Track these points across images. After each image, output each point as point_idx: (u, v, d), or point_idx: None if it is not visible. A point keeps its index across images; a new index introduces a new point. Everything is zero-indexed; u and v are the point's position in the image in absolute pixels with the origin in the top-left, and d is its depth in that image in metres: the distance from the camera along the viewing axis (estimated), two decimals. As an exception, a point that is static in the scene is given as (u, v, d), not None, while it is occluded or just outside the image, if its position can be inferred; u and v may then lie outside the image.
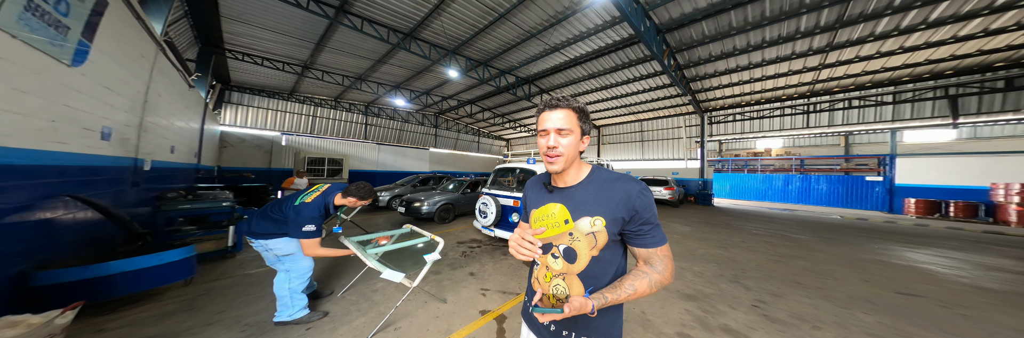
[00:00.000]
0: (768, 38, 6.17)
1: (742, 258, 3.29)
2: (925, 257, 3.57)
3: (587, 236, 0.58)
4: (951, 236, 5.14)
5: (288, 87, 10.65)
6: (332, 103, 12.40)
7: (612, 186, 0.58)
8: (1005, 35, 5.40)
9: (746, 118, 10.83)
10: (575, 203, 0.60)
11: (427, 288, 2.25)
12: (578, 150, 0.60)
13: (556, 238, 0.61)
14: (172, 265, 1.86)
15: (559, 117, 0.57)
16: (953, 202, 7.87)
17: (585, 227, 0.58)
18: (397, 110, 14.50)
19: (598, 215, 0.57)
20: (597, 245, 0.57)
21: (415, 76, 9.80)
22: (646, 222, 0.56)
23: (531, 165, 3.76)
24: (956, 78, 7.17)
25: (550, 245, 0.62)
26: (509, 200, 3.59)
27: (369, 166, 11.91)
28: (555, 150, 0.58)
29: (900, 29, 5.46)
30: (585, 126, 0.60)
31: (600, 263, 0.58)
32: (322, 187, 1.71)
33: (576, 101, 0.60)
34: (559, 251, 0.61)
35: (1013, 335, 1.69)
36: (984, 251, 3.97)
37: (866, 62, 6.87)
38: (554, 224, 0.62)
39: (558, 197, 0.63)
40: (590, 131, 0.63)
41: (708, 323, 1.72)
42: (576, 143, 0.59)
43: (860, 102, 8.71)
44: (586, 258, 0.58)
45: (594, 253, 0.58)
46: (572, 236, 0.59)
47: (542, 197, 0.67)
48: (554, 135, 0.58)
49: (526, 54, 7.86)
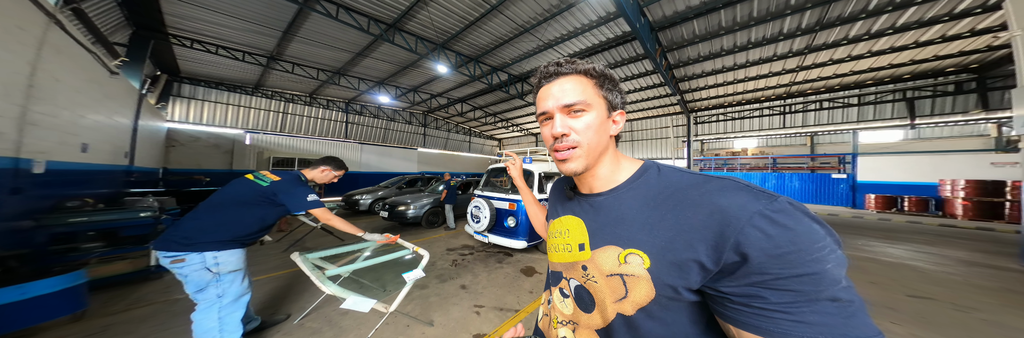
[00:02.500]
0: (753, 39, 6.35)
1: None
2: (907, 253, 3.70)
3: (610, 279, 0.33)
4: (915, 230, 5.46)
5: (252, 80, 9.61)
6: (306, 99, 11.41)
7: (684, 197, 0.31)
8: (958, 41, 5.91)
9: (728, 118, 11.31)
10: (601, 222, 0.37)
11: (409, 308, 1.93)
12: (607, 135, 0.38)
13: (568, 268, 0.40)
14: (45, 299, 1.35)
15: (567, 88, 0.36)
16: (907, 197, 8.59)
17: (608, 263, 0.34)
18: (381, 108, 13.68)
19: (636, 248, 0.32)
20: (628, 298, 0.32)
21: (401, 72, 9.20)
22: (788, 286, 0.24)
23: (528, 165, 3.48)
24: (913, 82, 7.85)
25: (559, 275, 0.41)
26: (504, 203, 3.29)
27: (351, 167, 11.00)
28: (566, 140, 0.36)
29: (870, 33, 5.81)
30: (612, 96, 0.38)
31: (639, 334, 0.32)
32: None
33: (588, 62, 0.38)
34: (569, 288, 0.39)
35: None
36: (952, 245, 4.24)
37: (837, 65, 7.31)
38: (565, 247, 0.40)
39: (578, 208, 0.41)
40: (622, 104, 0.39)
41: None
42: (601, 124, 0.36)
43: (829, 104, 9.32)
44: (609, 312, 0.34)
45: (624, 309, 0.32)
46: (586, 271, 0.36)
47: (561, 205, 0.46)
48: (561, 117, 0.36)
49: (519, 50, 7.58)
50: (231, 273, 1.22)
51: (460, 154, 16.72)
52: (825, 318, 0.23)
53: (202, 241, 1.15)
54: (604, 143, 0.37)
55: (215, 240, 1.17)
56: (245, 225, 1.24)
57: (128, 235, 2.31)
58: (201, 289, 1.18)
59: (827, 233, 0.25)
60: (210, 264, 1.16)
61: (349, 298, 1.17)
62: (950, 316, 1.95)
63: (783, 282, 0.24)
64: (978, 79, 7.20)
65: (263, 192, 1.28)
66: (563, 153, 0.36)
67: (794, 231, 0.25)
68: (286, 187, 1.31)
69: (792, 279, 0.23)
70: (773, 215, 0.25)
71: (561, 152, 0.36)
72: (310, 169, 1.50)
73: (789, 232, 0.25)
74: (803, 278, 0.23)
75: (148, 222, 2.36)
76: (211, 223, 1.19)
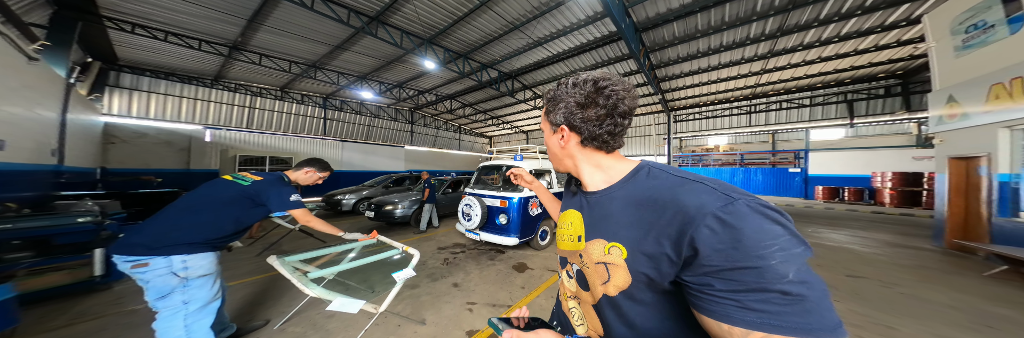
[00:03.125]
0: (725, 42, 6.87)
1: None
2: (845, 238, 4.24)
3: (597, 266, 0.39)
4: (853, 217, 6.35)
5: (211, 71, 8.68)
6: (277, 93, 10.53)
7: (658, 196, 0.35)
8: (888, 50, 6.85)
9: (703, 117, 12.19)
10: (594, 217, 0.43)
11: (400, 308, 1.91)
12: (560, 149, 0.46)
13: (570, 254, 0.47)
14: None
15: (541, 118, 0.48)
16: (847, 188, 9.82)
17: (596, 253, 0.40)
18: (364, 104, 12.98)
19: (618, 242, 0.37)
20: (611, 282, 0.38)
21: (385, 66, 8.77)
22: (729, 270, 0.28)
23: (518, 162, 3.52)
24: (852, 85, 8.98)
25: (565, 260, 0.49)
26: (496, 200, 3.29)
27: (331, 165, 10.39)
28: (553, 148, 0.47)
29: (820, 40, 6.55)
30: (550, 117, 0.45)
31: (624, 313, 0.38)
32: None
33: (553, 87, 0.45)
34: (572, 270, 0.47)
35: (944, 310, 1.98)
36: (880, 229, 4.92)
37: (794, 69, 8.17)
38: (569, 237, 0.47)
39: (580, 203, 0.47)
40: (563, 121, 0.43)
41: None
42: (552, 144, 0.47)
43: (787, 104, 10.40)
44: (598, 292, 0.40)
45: (608, 291, 0.38)
46: (582, 259, 0.43)
47: (569, 199, 0.53)
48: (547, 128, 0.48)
49: (509, 47, 7.54)
50: (201, 278, 1.14)
51: (450, 152, 16.34)
52: (771, 307, 0.25)
53: (169, 244, 1.08)
54: (560, 156, 0.46)
55: (186, 243, 1.10)
56: (219, 227, 1.17)
57: (65, 243, 2.02)
58: (163, 296, 1.09)
59: (785, 233, 0.28)
60: (177, 269, 1.08)
61: (336, 300, 1.12)
62: (878, 292, 2.25)
63: (726, 273, 0.27)
64: (903, 84, 8.34)
65: (244, 192, 1.24)
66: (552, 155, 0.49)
67: (740, 230, 0.27)
68: (268, 187, 1.28)
69: (734, 271, 0.27)
70: (724, 216, 0.29)
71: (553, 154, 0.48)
72: (293, 170, 1.47)
73: (734, 231, 0.28)
74: (745, 271, 0.26)
75: (88, 228, 2.06)
76: (185, 225, 1.13)
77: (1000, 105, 3.09)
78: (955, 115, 3.66)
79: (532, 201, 3.29)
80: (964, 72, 3.59)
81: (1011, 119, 3.02)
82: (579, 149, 0.43)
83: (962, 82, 3.58)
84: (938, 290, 2.30)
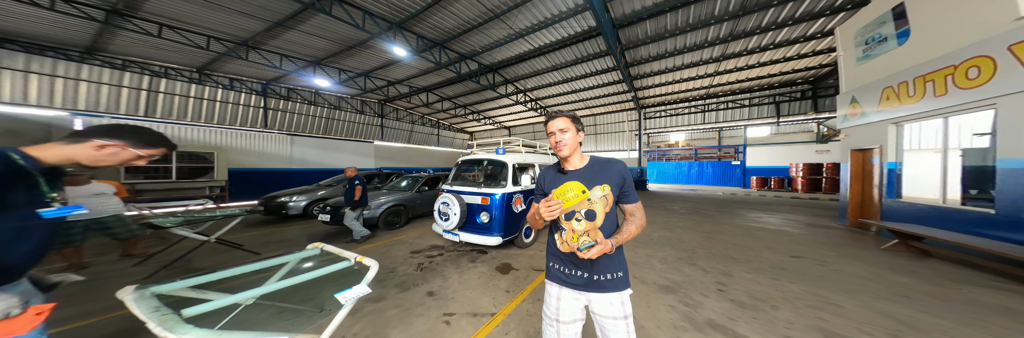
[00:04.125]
0: (689, 44, 7.50)
1: (685, 238, 3.76)
2: (779, 221, 4.89)
3: (601, 199, 0.89)
4: (780, 202, 7.61)
5: (81, 42, 6.55)
6: (193, 75, 8.36)
7: (607, 165, 0.94)
8: (806, 59, 8.24)
9: (668, 114, 13.34)
10: (587, 179, 0.92)
11: (357, 328, 1.62)
12: (577, 141, 0.92)
13: (577, 206, 0.90)
14: None
15: (560, 122, 0.91)
16: (772, 178, 11.73)
17: (598, 193, 0.90)
18: (321, 93, 11.20)
19: (605, 183, 0.90)
20: (608, 204, 0.90)
21: (346, 52, 7.57)
22: (629, 186, 0.92)
23: (500, 155, 3.29)
24: (779, 89, 10.65)
25: (572, 213, 0.90)
26: (476, 197, 3.02)
27: (276, 163, 8.50)
28: (561, 142, 0.90)
29: (760, 46, 7.53)
30: (577, 125, 0.93)
31: (609, 218, 0.90)
32: None
33: (569, 111, 0.94)
34: (581, 215, 0.90)
35: (866, 283, 2.26)
36: (799, 212, 5.89)
37: (738, 72, 9.33)
38: (574, 196, 0.90)
39: (573, 176, 0.94)
40: (582, 129, 0.96)
41: (695, 320, 1.74)
42: (574, 136, 0.91)
43: (731, 104, 11.90)
44: (602, 215, 0.89)
45: (607, 210, 0.89)
46: (591, 201, 0.89)
47: (557, 179, 0.97)
48: (559, 133, 0.91)
49: (489, 38, 7.10)
50: None
51: (428, 148, 15.15)
52: (634, 192, 0.95)
53: None
54: (576, 145, 0.92)
55: None
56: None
57: None
58: None
59: (630, 171, 0.96)
60: None
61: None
62: (817, 271, 2.48)
63: (630, 184, 0.94)
64: (813, 89, 10.06)
65: None
66: (560, 147, 0.91)
67: (628, 170, 0.95)
68: None
69: (631, 183, 0.94)
70: (624, 167, 0.95)
71: (559, 147, 0.91)
72: (66, 142, 0.73)
73: (628, 170, 0.95)
74: (631, 183, 0.94)
75: None
76: None
77: (889, 105, 3.76)
78: (856, 113, 4.40)
79: (516, 197, 3.07)
80: (864, 77, 4.29)
81: (896, 116, 3.69)
82: (578, 145, 0.94)
83: (862, 86, 4.28)
84: (855, 265, 2.64)
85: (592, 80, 10.09)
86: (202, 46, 6.53)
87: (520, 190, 3.20)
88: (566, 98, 12.18)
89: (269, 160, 8.43)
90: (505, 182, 3.12)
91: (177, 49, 6.95)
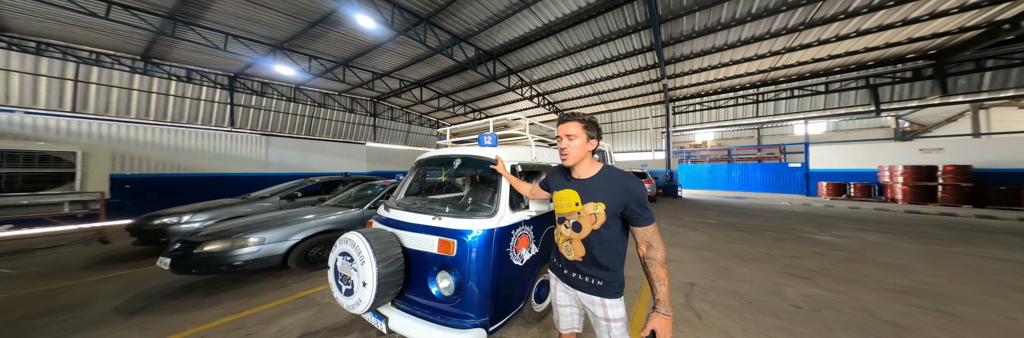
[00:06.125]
0: (755, 9, 5.52)
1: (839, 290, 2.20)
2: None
3: (590, 215, 0.88)
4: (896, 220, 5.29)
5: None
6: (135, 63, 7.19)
7: (616, 182, 0.88)
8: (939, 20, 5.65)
9: (704, 108, 10.92)
10: (586, 192, 0.90)
11: None
12: (586, 150, 0.91)
13: (569, 215, 0.93)
14: None
15: (569, 126, 0.90)
16: (852, 184, 9.11)
17: (589, 209, 0.88)
18: (302, 89, 10.51)
19: (600, 202, 0.86)
20: (597, 222, 0.87)
21: (309, 32, 6.53)
22: (637, 209, 0.84)
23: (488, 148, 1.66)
24: (874, 68, 7.83)
25: (564, 218, 0.95)
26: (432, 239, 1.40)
27: (246, 167, 7.71)
28: (566, 150, 0.90)
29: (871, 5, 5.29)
30: (590, 133, 0.91)
31: (600, 237, 0.88)
32: None
33: (585, 115, 0.92)
34: (569, 223, 0.93)
35: None
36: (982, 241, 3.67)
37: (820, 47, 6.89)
38: (568, 205, 0.93)
39: (574, 185, 0.94)
40: (598, 136, 0.94)
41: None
42: (582, 145, 0.90)
43: (795, 92, 9.25)
44: (587, 230, 0.89)
45: (595, 227, 0.87)
46: (579, 215, 0.90)
47: (562, 183, 0.99)
48: (566, 139, 0.90)
49: (487, 10, 5.81)
50: None
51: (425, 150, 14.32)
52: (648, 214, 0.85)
53: None
54: (584, 154, 0.92)
55: None
56: None
57: None
58: None
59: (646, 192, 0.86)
60: None
61: None
62: None
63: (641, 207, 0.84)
64: (934, 64, 7.22)
65: None
66: (564, 155, 0.93)
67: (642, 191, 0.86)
68: None
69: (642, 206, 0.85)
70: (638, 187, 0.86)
71: (563, 155, 0.93)
72: None
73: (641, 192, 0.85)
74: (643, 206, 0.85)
75: None
76: None
77: None
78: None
79: (519, 234, 1.50)
80: None
81: None
82: (588, 153, 0.93)
83: None
84: None
85: (611, 67, 8.38)
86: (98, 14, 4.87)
87: (527, 219, 1.61)
88: (578, 91, 10.49)
89: (237, 164, 7.55)
90: (495, 204, 1.54)
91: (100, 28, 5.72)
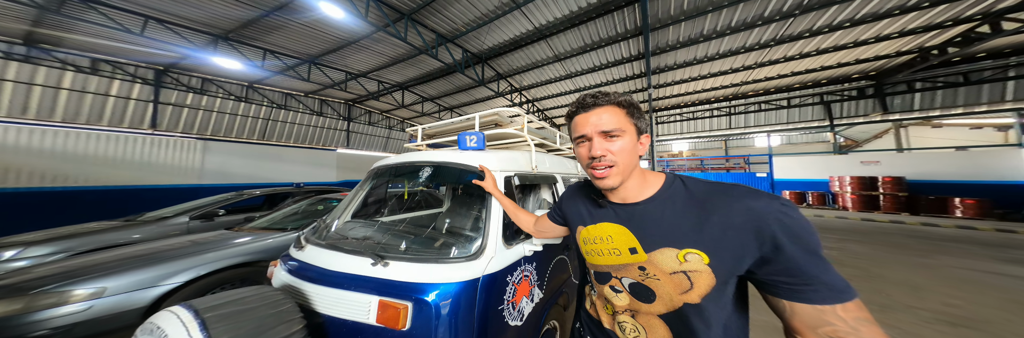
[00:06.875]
0: (734, 22, 5.78)
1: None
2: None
3: (674, 276, 0.42)
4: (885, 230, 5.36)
5: None
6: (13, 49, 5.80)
7: (719, 202, 0.41)
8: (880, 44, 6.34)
9: (684, 119, 11.50)
10: (648, 228, 0.45)
11: None
12: (637, 155, 0.46)
13: (617, 269, 0.47)
14: None
15: (602, 117, 0.45)
16: (811, 193, 9.87)
17: (669, 264, 0.42)
18: (257, 88, 9.12)
19: (693, 248, 0.41)
20: (694, 289, 0.41)
21: (261, 21, 5.66)
22: (810, 260, 0.36)
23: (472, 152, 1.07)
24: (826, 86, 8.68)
25: (608, 275, 0.49)
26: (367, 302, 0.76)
27: (173, 177, 5.85)
28: (604, 159, 0.44)
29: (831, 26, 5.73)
30: (640, 123, 0.47)
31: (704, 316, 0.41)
32: None
33: (620, 94, 0.46)
34: (622, 285, 0.47)
35: None
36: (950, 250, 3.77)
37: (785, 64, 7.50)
38: (612, 251, 0.48)
39: (616, 216, 0.49)
40: (647, 128, 0.48)
41: None
42: (632, 147, 0.45)
43: (762, 106, 10.11)
44: (676, 302, 0.42)
45: (690, 299, 0.41)
46: (645, 272, 0.44)
47: (592, 212, 0.53)
48: (599, 140, 0.45)
49: (475, 10, 5.44)
50: None
51: None
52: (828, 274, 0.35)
53: None
54: (634, 162, 0.46)
55: None
56: None
57: None
58: None
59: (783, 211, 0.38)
60: None
61: None
62: None
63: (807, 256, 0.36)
64: (875, 85, 8.30)
65: None
66: (601, 171, 0.45)
67: (799, 218, 0.37)
68: None
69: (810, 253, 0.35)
70: (785, 209, 0.38)
71: (599, 170, 0.45)
72: None
73: (797, 219, 0.37)
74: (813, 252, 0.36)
75: None
76: None
77: None
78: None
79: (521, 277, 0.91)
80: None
81: None
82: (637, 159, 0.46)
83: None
84: None
85: (600, 75, 8.40)
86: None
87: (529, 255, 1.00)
88: (568, 99, 10.50)
89: (159, 173, 5.84)
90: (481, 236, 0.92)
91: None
